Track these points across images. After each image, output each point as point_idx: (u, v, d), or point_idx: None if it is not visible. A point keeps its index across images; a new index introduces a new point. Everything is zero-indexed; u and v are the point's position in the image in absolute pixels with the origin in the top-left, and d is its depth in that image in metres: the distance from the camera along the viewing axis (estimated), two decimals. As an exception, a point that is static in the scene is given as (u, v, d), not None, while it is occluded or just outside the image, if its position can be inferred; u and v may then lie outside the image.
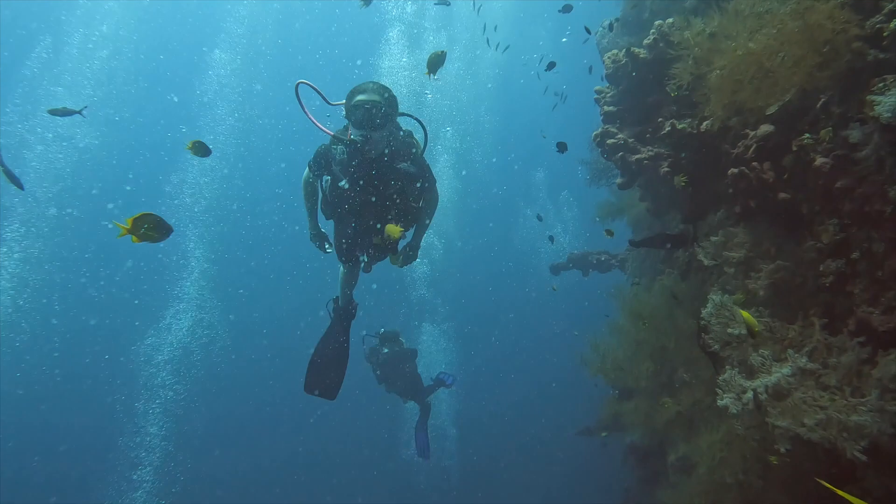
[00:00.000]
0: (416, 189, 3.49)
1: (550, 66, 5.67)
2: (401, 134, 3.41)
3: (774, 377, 2.39)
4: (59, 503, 12.66)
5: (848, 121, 2.58)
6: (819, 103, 2.72)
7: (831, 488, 1.67)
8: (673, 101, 3.62)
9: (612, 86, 4.24)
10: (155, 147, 17.77)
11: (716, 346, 2.84)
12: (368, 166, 3.27)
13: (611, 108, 4.16)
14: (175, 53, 19.10)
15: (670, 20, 3.75)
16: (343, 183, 3.34)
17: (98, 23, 13.49)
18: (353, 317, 4.15)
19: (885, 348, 2.33)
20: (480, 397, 15.51)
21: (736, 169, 3.05)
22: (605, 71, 4.14)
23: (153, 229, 2.60)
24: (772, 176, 2.94)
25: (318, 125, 3.24)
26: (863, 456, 2.15)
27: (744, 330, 2.66)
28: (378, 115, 3.12)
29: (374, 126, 3.14)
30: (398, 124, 3.44)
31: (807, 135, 2.72)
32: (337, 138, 3.31)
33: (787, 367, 2.39)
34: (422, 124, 3.39)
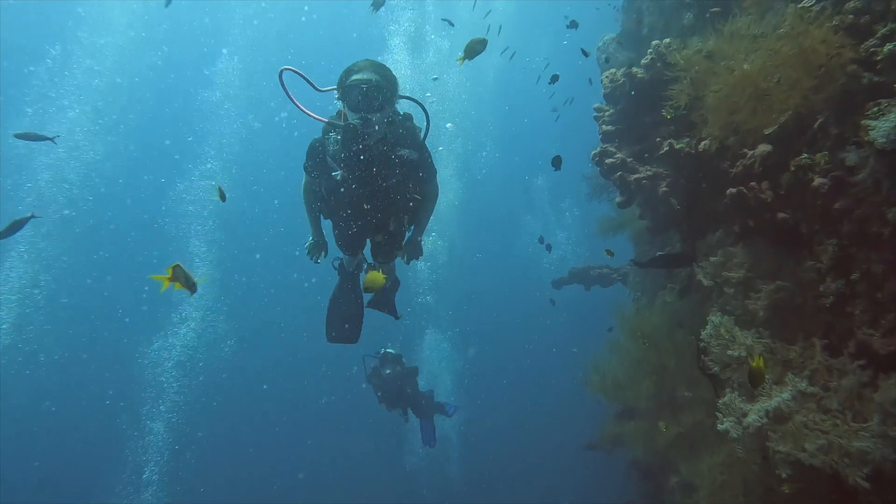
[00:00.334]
0: (418, 178, 3.21)
1: (554, 79, 5.64)
2: (399, 117, 3.09)
3: (775, 401, 2.37)
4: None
5: (845, 142, 2.59)
6: (816, 123, 2.73)
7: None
8: (671, 121, 3.64)
9: (611, 105, 4.26)
10: (161, 154, 17.87)
11: (716, 369, 2.82)
12: (367, 153, 2.96)
13: (609, 128, 4.18)
14: (180, 64, 19.33)
15: (667, 40, 3.78)
16: (337, 174, 3.04)
17: (106, 32, 13.67)
18: (362, 270, 3.91)
19: (886, 372, 2.31)
20: (483, 407, 15.38)
21: (734, 188, 3.06)
22: (604, 90, 4.16)
23: (185, 280, 2.91)
24: (770, 195, 2.94)
25: (308, 112, 2.99)
26: (865, 483, 2.12)
27: (744, 352, 2.65)
28: (378, 96, 2.83)
29: (373, 108, 2.84)
30: (396, 109, 3.12)
31: (805, 154, 2.73)
32: (331, 124, 3.04)
33: (788, 392, 2.37)
34: (423, 108, 3.11)
